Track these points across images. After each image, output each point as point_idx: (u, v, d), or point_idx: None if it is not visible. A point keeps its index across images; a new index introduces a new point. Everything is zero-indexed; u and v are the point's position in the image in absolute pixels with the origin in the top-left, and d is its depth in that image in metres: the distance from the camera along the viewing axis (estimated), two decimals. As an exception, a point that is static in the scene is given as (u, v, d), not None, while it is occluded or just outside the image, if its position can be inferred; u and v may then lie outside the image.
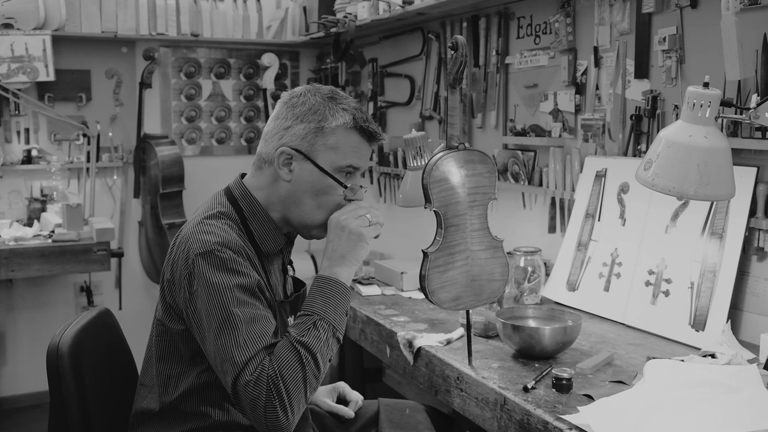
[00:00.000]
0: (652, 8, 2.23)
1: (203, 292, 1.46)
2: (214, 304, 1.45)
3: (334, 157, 1.58)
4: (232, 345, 1.42)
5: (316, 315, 1.48)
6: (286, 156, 1.58)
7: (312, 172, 1.58)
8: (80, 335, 1.65)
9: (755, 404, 1.46)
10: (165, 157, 3.83)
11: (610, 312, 2.24)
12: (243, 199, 1.62)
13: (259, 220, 1.62)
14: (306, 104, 1.59)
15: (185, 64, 4.24)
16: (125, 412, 1.72)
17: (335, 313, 1.50)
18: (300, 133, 1.58)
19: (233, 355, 1.41)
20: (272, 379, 1.39)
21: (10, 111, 3.81)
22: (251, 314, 1.45)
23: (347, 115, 1.58)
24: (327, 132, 1.57)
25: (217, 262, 1.47)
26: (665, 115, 2.24)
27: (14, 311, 4.00)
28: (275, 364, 1.41)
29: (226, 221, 1.56)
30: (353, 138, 1.59)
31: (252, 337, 1.43)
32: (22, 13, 3.60)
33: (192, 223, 1.57)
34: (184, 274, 1.49)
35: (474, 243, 1.76)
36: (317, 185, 1.59)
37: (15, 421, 3.84)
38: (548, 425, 1.50)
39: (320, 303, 1.49)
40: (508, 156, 2.83)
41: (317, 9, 3.79)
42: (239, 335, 1.42)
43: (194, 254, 1.48)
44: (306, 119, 1.58)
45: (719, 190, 1.59)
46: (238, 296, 1.45)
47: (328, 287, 1.52)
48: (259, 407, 1.38)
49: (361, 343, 2.47)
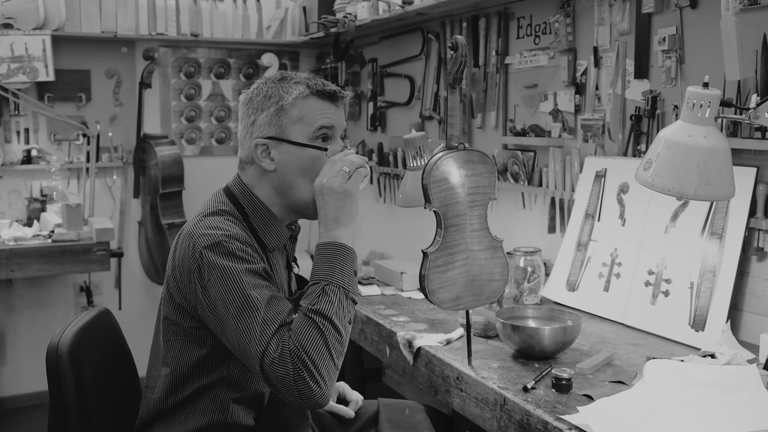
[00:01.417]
0: (651, 8, 2.23)
1: (216, 281, 1.46)
2: (229, 290, 1.45)
3: (302, 128, 1.59)
4: (254, 327, 1.42)
5: (323, 281, 1.47)
6: (262, 146, 1.60)
7: (291, 151, 1.59)
8: (80, 335, 1.65)
9: (755, 404, 1.46)
10: (165, 157, 3.83)
11: (610, 312, 2.24)
12: (244, 196, 1.63)
13: (261, 215, 1.62)
14: (260, 94, 1.61)
15: (185, 64, 4.24)
16: (125, 412, 1.72)
17: (342, 274, 1.48)
18: (265, 121, 1.60)
19: (256, 337, 1.41)
20: (294, 352, 1.39)
21: (9, 111, 3.81)
22: (267, 295, 1.46)
23: (299, 86, 1.59)
24: (287, 108, 1.58)
25: (225, 251, 1.47)
26: (665, 115, 2.24)
27: (14, 311, 4.00)
28: (294, 338, 1.40)
29: (228, 218, 1.57)
30: (313, 103, 1.59)
31: (271, 316, 1.43)
32: (22, 13, 3.60)
33: (193, 221, 1.57)
34: (193, 268, 1.49)
35: (474, 243, 1.76)
36: (302, 161, 1.59)
37: (15, 421, 3.84)
38: (548, 425, 1.50)
39: (325, 268, 1.49)
40: (507, 156, 2.83)
41: (317, 9, 3.79)
42: (258, 316, 1.42)
43: (201, 247, 1.48)
44: (265, 107, 1.60)
45: (719, 190, 1.59)
46: (251, 280, 1.46)
47: (330, 251, 1.50)
48: (290, 383, 1.38)
49: (360, 343, 2.47)
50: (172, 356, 1.58)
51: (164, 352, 1.60)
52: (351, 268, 1.51)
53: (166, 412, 1.59)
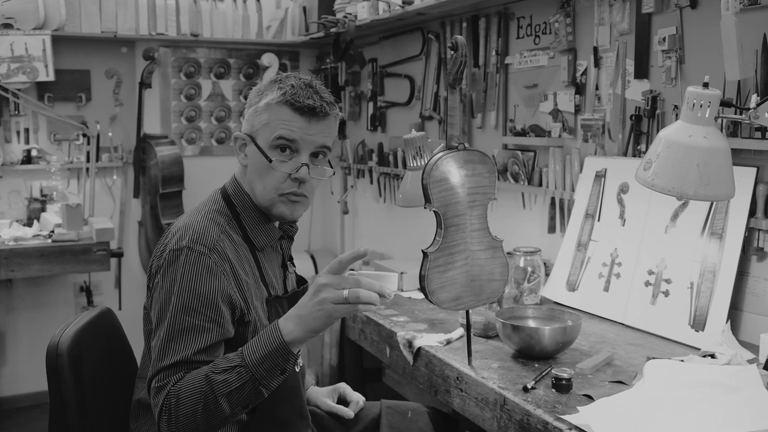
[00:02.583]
0: (651, 8, 2.23)
1: (162, 288, 1.50)
2: (166, 303, 1.49)
3: (266, 132, 1.59)
4: (163, 346, 1.46)
5: (241, 361, 1.41)
6: (241, 141, 1.63)
7: (255, 153, 1.60)
8: (80, 335, 1.65)
9: (755, 404, 1.46)
10: (165, 157, 3.83)
11: (610, 312, 2.24)
12: (236, 195, 1.65)
13: (250, 214, 1.64)
14: (254, 91, 1.64)
15: (185, 64, 4.23)
16: (126, 411, 1.72)
17: (263, 366, 1.40)
18: (246, 116, 1.64)
19: (159, 355, 1.46)
20: (169, 396, 1.42)
21: (9, 111, 3.81)
22: (192, 324, 1.46)
23: (278, 91, 1.58)
24: (260, 110, 1.59)
25: (183, 261, 1.49)
26: (665, 115, 2.24)
27: (14, 311, 4.00)
28: (181, 384, 1.42)
29: (213, 217, 1.59)
30: (283, 111, 1.57)
31: (181, 346, 1.45)
32: (22, 13, 3.60)
33: (180, 219, 1.61)
34: (156, 265, 1.55)
35: (474, 243, 1.76)
36: (258, 165, 1.60)
37: (15, 421, 3.84)
38: (548, 425, 1.50)
39: (254, 351, 1.42)
40: (507, 156, 2.83)
41: (317, 9, 3.79)
42: (171, 341, 1.46)
43: (168, 250, 1.52)
44: (251, 103, 1.63)
45: (719, 190, 1.59)
46: (186, 303, 1.47)
47: (271, 339, 1.42)
48: (155, 413, 1.44)
49: (360, 343, 2.47)
50: (149, 345, 1.62)
51: (145, 341, 1.64)
52: (278, 366, 1.41)
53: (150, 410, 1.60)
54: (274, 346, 1.41)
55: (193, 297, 1.48)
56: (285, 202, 1.60)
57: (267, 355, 1.40)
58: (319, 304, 1.39)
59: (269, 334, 1.42)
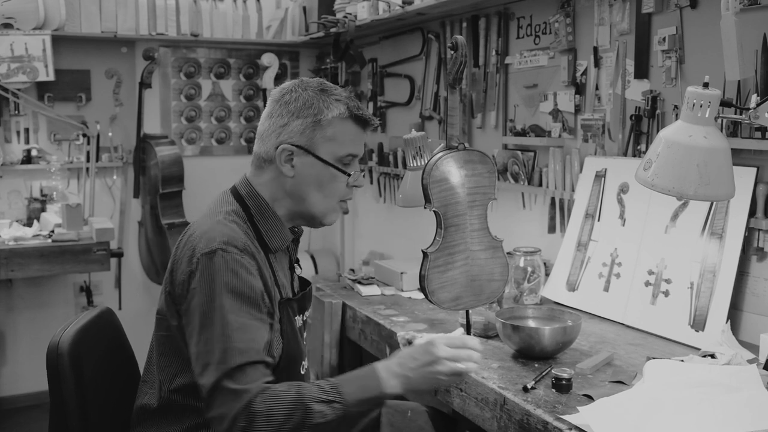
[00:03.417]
0: (651, 8, 2.23)
1: (201, 291, 1.47)
2: (210, 305, 1.45)
3: (333, 147, 1.61)
4: (223, 348, 1.42)
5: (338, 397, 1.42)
6: (288, 153, 1.60)
7: (314, 165, 1.60)
8: (80, 334, 1.65)
9: (755, 404, 1.46)
10: (165, 157, 3.83)
11: (610, 312, 2.24)
12: (250, 197, 1.64)
13: (266, 217, 1.63)
14: (299, 100, 1.61)
15: (185, 64, 4.24)
16: (126, 411, 1.72)
17: (357, 407, 1.44)
18: (298, 128, 1.60)
19: (222, 357, 1.41)
20: (253, 405, 1.38)
21: (9, 111, 3.81)
22: (244, 323, 1.45)
23: (341, 105, 1.61)
24: (324, 124, 1.60)
25: (221, 262, 1.47)
26: (665, 115, 2.24)
27: (14, 311, 4.00)
28: (269, 398, 1.39)
29: (233, 218, 1.58)
30: (349, 127, 1.62)
31: (242, 346, 1.43)
32: (22, 13, 3.60)
33: (199, 222, 1.58)
34: (186, 271, 1.50)
35: (474, 243, 1.76)
36: (320, 177, 1.61)
37: (15, 421, 3.84)
38: (548, 425, 1.50)
39: (353, 392, 1.44)
40: (507, 156, 2.83)
41: (317, 9, 3.79)
42: (228, 341, 1.42)
43: (199, 253, 1.49)
44: (302, 114, 1.60)
45: (719, 190, 1.59)
46: (234, 302, 1.46)
47: (371, 387, 1.45)
48: (225, 421, 1.38)
49: (360, 343, 2.47)
50: (161, 351, 1.60)
51: (157, 348, 1.62)
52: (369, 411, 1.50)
53: (161, 407, 1.59)
54: (374, 395, 1.45)
55: (239, 296, 1.47)
56: (337, 211, 1.67)
57: (365, 400, 1.44)
58: (432, 374, 1.45)
59: (369, 381, 1.46)
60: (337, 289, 2.77)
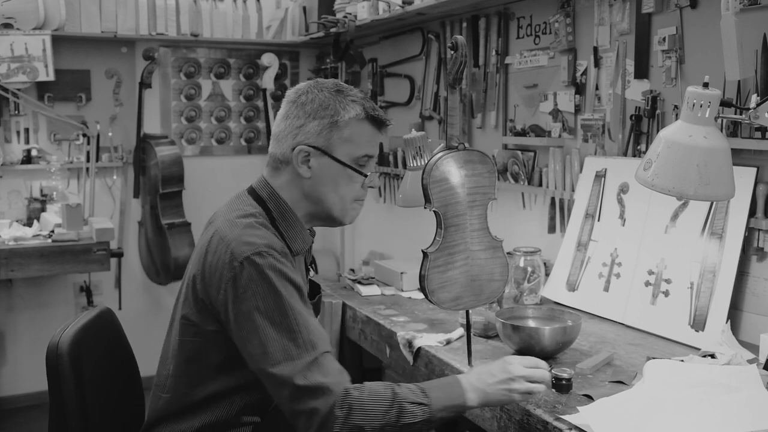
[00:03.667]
0: (651, 8, 2.23)
1: (256, 293, 1.46)
2: (270, 304, 1.45)
3: (350, 148, 1.61)
4: (297, 343, 1.44)
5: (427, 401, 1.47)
6: (305, 154, 1.60)
7: (331, 165, 1.60)
8: (80, 334, 1.65)
9: (755, 404, 1.46)
10: (165, 157, 3.83)
11: (610, 312, 2.24)
12: (271, 199, 1.63)
13: (287, 220, 1.62)
14: (315, 101, 1.60)
15: (185, 64, 4.23)
16: (127, 411, 1.72)
17: (440, 413, 1.49)
18: (315, 129, 1.59)
19: (300, 352, 1.43)
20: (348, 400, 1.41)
21: (9, 111, 3.81)
22: (307, 318, 1.48)
23: (357, 106, 1.61)
24: (341, 125, 1.59)
25: (270, 264, 1.47)
26: (665, 115, 2.24)
27: (14, 311, 4.00)
28: (364, 392, 1.43)
29: (263, 222, 1.57)
30: (366, 128, 1.62)
31: (316, 338, 1.46)
32: (22, 13, 3.60)
33: (226, 226, 1.55)
34: (228, 276, 1.47)
35: (474, 243, 1.76)
36: (337, 178, 1.61)
37: (15, 421, 3.84)
38: (548, 425, 1.50)
39: (438, 398, 1.49)
40: (507, 156, 2.83)
41: (317, 9, 3.79)
42: (301, 335, 1.45)
43: (242, 257, 1.47)
44: (318, 115, 1.59)
45: (719, 190, 1.59)
46: (295, 299, 1.48)
47: (454, 395, 1.50)
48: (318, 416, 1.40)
49: (361, 343, 2.47)
50: (188, 356, 1.57)
51: (178, 352, 1.59)
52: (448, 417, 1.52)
53: (176, 412, 1.58)
54: (457, 403, 1.49)
55: (296, 292, 1.49)
56: (356, 208, 1.68)
57: (448, 407, 1.48)
58: (508, 391, 1.50)
59: (453, 389, 1.50)
60: (337, 289, 2.77)
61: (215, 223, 1.60)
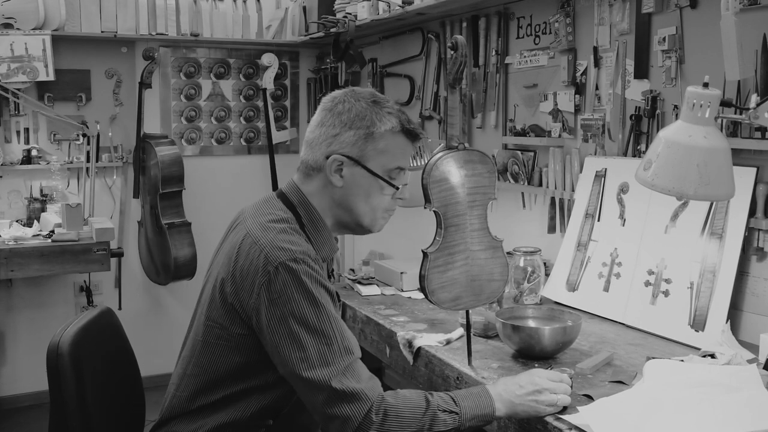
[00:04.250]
0: (651, 8, 2.23)
1: (292, 300, 1.46)
2: (306, 310, 1.46)
3: (384, 160, 1.61)
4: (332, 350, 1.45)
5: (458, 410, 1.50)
6: (338, 163, 1.59)
7: (364, 176, 1.60)
8: (81, 334, 1.65)
9: (755, 404, 1.46)
10: (165, 157, 3.83)
11: (610, 312, 2.24)
12: (301, 205, 1.63)
13: (317, 227, 1.63)
14: (352, 111, 1.60)
15: (185, 64, 4.24)
16: (127, 411, 1.72)
17: (469, 422, 1.51)
18: (350, 140, 1.59)
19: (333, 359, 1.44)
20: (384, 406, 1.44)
21: (9, 111, 3.81)
22: (341, 324, 1.50)
23: (393, 119, 1.61)
24: (377, 137, 1.59)
25: (305, 270, 1.48)
26: (665, 115, 2.24)
27: (14, 311, 4.01)
28: (399, 399, 1.45)
29: (293, 227, 1.57)
30: (400, 140, 1.62)
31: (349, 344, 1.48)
32: (22, 13, 3.60)
33: (259, 228, 1.55)
34: (262, 281, 1.47)
35: (474, 243, 1.76)
36: (369, 189, 1.62)
37: (15, 421, 3.84)
38: (548, 425, 1.50)
39: (469, 408, 1.51)
40: (507, 156, 2.83)
41: (317, 9, 3.79)
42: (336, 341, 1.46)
43: (276, 262, 1.47)
44: (354, 126, 1.59)
45: (719, 190, 1.59)
46: (329, 305, 1.50)
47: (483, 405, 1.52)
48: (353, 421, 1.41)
49: (360, 342, 2.45)
50: (209, 358, 1.57)
51: (200, 352, 1.59)
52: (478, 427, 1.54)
53: (191, 411, 1.59)
54: (485, 413, 1.51)
55: (330, 298, 1.51)
56: (385, 218, 1.69)
57: (478, 416, 1.51)
58: (535, 402, 1.51)
59: (483, 399, 1.52)
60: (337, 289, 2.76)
61: (244, 224, 1.59)
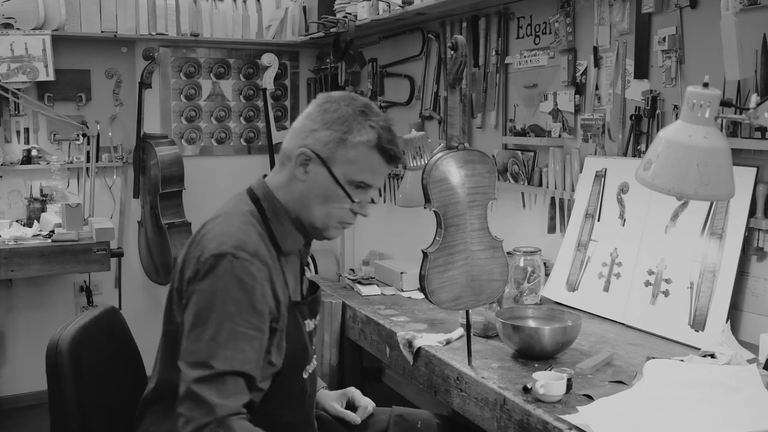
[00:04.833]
0: (651, 8, 2.23)
1: (202, 292, 1.47)
2: (207, 306, 1.45)
3: (349, 169, 1.58)
4: (209, 352, 1.42)
5: None
6: (305, 157, 1.59)
7: (326, 179, 1.59)
8: (81, 333, 1.65)
9: (755, 404, 1.46)
10: (165, 157, 3.83)
11: (610, 312, 2.24)
12: (265, 199, 1.63)
13: (280, 220, 1.62)
14: (337, 112, 1.59)
15: (185, 64, 4.23)
16: (127, 411, 1.72)
17: None
18: (324, 138, 1.58)
19: (206, 361, 1.41)
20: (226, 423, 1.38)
21: (9, 111, 3.81)
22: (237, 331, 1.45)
23: (372, 132, 1.58)
24: (349, 145, 1.57)
25: (228, 267, 1.47)
26: (665, 115, 2.24)
27: (14, 311, 4.00)
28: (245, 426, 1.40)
29: (249, 219, 1.57)
30: (373, 157, 1.59)
31: (231, 354, 1.43)
32: (22, 13, 3.60)
33: (214, 222, 1.57)
34: (194, 269, 1.49)
35: (474, 243, 1.76)
36: (327, 192, 1.59)
37: (15, 421, 3.84)
38: (548, 425, 1.50)
39: None
40: (507, 156, 2.83)
41: (317, 9, 3.79)
42: (219, 346, 1.42)
43: (208, 254, 1.48)
44: (333, 127, 1.58)
45: (719, 190, 1.59)
46: (232, 309, 1.45)
47: None
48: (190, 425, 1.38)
49: (360, 343, 2.47)
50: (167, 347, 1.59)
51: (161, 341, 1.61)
52: None
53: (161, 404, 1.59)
54: None
55: (239, 304, 1.46)
56: (338, 228, 1.64)
57: None
58: None
59: None
60: (337, 289, 2.77)
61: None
